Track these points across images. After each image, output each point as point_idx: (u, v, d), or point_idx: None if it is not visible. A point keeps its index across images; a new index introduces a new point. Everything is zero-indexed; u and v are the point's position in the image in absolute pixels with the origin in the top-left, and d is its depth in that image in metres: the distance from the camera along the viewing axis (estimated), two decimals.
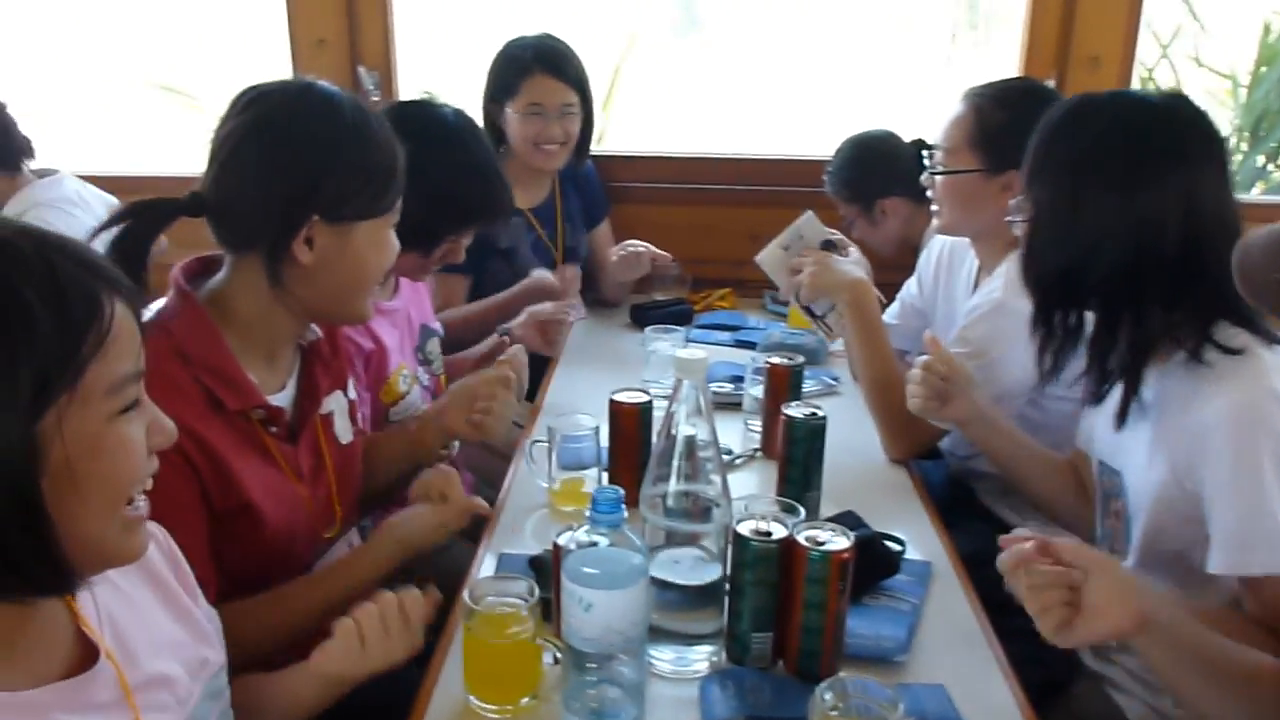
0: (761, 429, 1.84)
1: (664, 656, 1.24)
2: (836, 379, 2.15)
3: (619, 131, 4.02)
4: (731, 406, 1.95)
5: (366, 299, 1.42)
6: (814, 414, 1.57)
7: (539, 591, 1.19)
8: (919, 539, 1.55)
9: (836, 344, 2.17)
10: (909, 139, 2.50)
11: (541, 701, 1.19)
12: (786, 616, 1.21)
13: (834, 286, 1.95)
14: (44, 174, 2.65)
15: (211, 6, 4.14)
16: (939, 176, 1.92)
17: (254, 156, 1.30)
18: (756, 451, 1.84)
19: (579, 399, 1.90)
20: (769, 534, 1.20)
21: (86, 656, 0.91)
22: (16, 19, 3.97)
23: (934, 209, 1.97)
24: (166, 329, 1.28)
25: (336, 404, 1.49)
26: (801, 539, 1.18)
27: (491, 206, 1.92)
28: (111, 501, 0.85)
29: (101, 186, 2.73)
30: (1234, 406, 1.28)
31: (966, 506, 1.99)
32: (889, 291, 2.25)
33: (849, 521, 1.42)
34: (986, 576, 1.48)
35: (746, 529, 1.21)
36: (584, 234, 2.67)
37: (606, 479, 1.64)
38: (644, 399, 1.64)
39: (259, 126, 1.31)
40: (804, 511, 1.31)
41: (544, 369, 2.23)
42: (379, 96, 2.82)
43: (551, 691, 1.19)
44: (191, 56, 4.23)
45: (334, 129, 1.32)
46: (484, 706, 1.17)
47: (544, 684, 1.20)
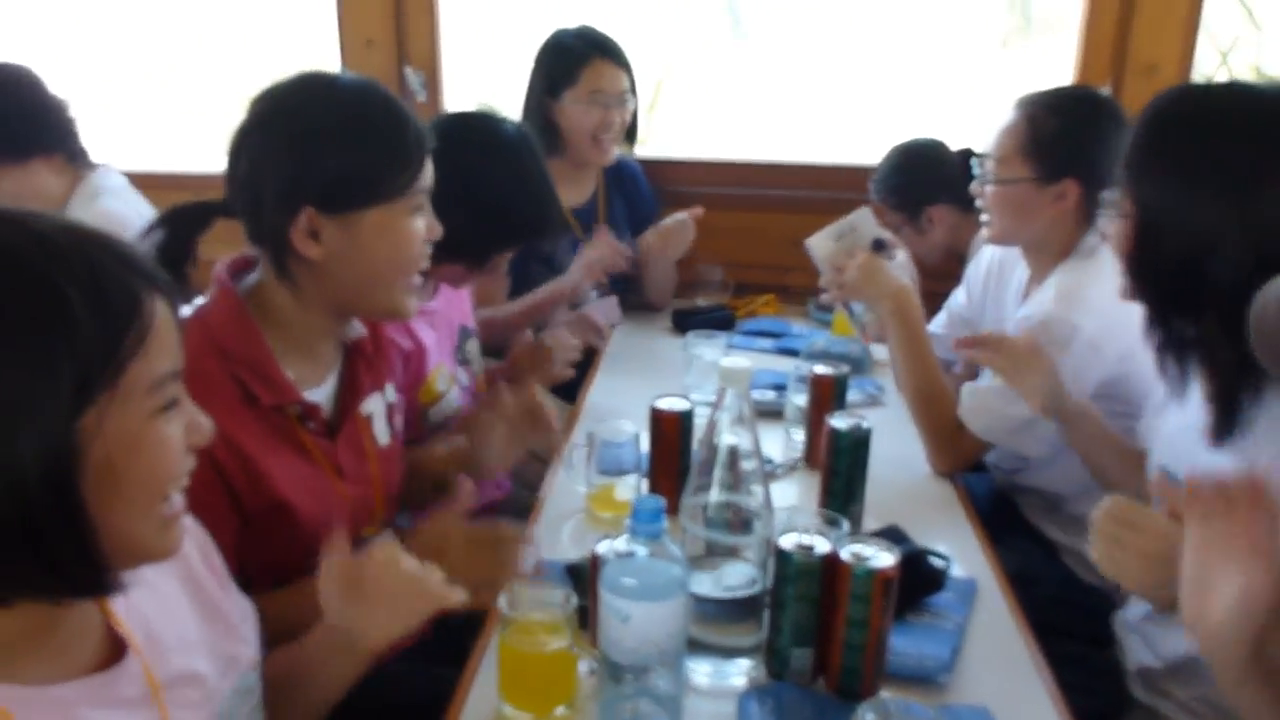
0: (805, 439, 1.82)
1: (702, 669, 1.22)
2: (880, 388, 2.12)
3: (665, 137, 4.01)
4: (773, 415, 1.93)
5: (397, 292, 1.36)
6: (859, 425, 1.54)
7: (576, 600, 1.17)
8: (963, 555, 1.52)
9: (881, 353, 2.14)
10: (957, 147, 2.48)
11: (576, 712, 1.17)
12: (828, 633, 1.18)
13: (877, 292, 1.88)
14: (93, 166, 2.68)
15: (262, 7, 4.18)
16: (989, 186, 1.87)
17: (252, 152, 1.30)
18: (799, 462, 1.81)
19: (619, 403, 1.89)
20: (812, 548, 1.18)
21: (115, 651, 0.91)
22: (65, 17, 4.03)
23: (984, 219, 1.92)
24: (205, 323, 1.28)
25: (375, 406, 1.48)
26: (846, 554, 1.16)
27: (543, 225, 1.90)
28: (150, 499, 0.84)
29: (146, 185, 2.76)
30: None
31: (1012, 522, 1.96)
32: (934, 301, 2.21)
33: (893, 536, 1.40)
34: (1033, 596, 1.45)
35: (789, 543, 1.18)
36: (628, 237, 2.66)
37: (646, 486, 1.62)
38: (685, 407, 1.62)
39: (259, 122, 1.31)
40: (847, 524, 1.29)
41: (586, 369, 2.22)
42: (425, 96, 2.85)
43: (586, 702, 1.17)
44: (243, 58, 4.27)
45: (327, 118, 1.30)
46: (518, 714, 1.15)
47: (579, 694, 1.18)
